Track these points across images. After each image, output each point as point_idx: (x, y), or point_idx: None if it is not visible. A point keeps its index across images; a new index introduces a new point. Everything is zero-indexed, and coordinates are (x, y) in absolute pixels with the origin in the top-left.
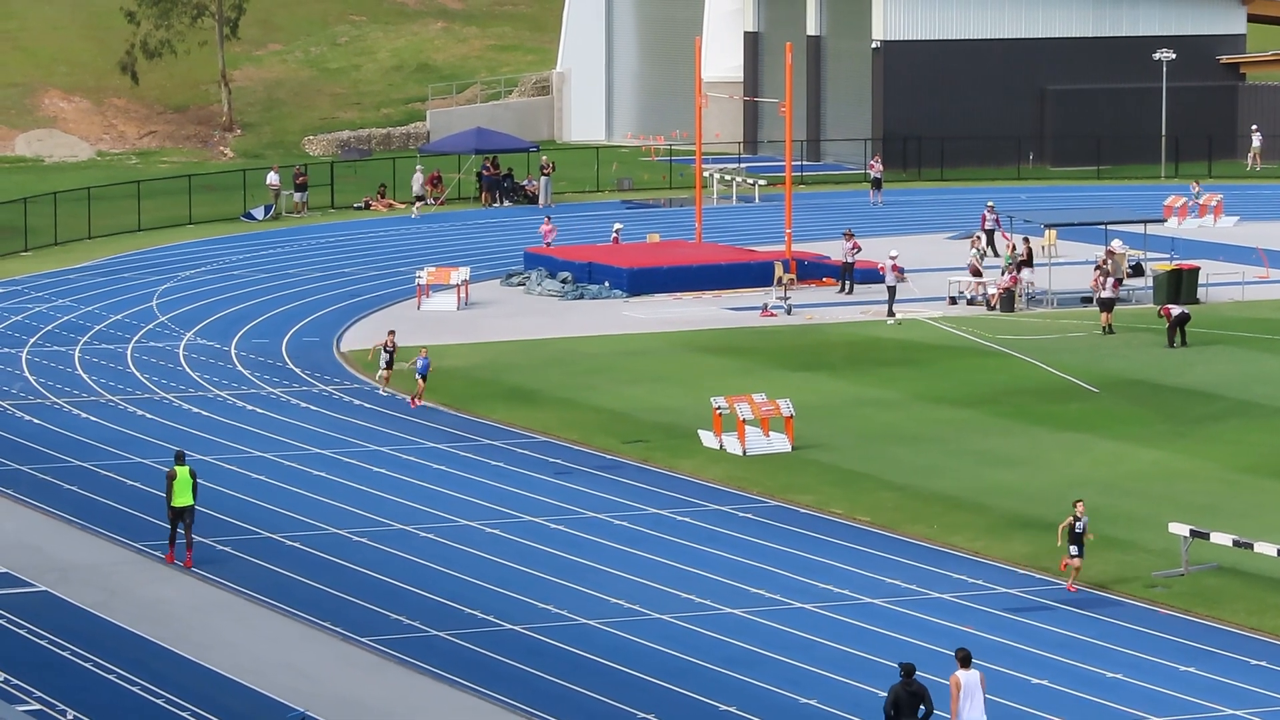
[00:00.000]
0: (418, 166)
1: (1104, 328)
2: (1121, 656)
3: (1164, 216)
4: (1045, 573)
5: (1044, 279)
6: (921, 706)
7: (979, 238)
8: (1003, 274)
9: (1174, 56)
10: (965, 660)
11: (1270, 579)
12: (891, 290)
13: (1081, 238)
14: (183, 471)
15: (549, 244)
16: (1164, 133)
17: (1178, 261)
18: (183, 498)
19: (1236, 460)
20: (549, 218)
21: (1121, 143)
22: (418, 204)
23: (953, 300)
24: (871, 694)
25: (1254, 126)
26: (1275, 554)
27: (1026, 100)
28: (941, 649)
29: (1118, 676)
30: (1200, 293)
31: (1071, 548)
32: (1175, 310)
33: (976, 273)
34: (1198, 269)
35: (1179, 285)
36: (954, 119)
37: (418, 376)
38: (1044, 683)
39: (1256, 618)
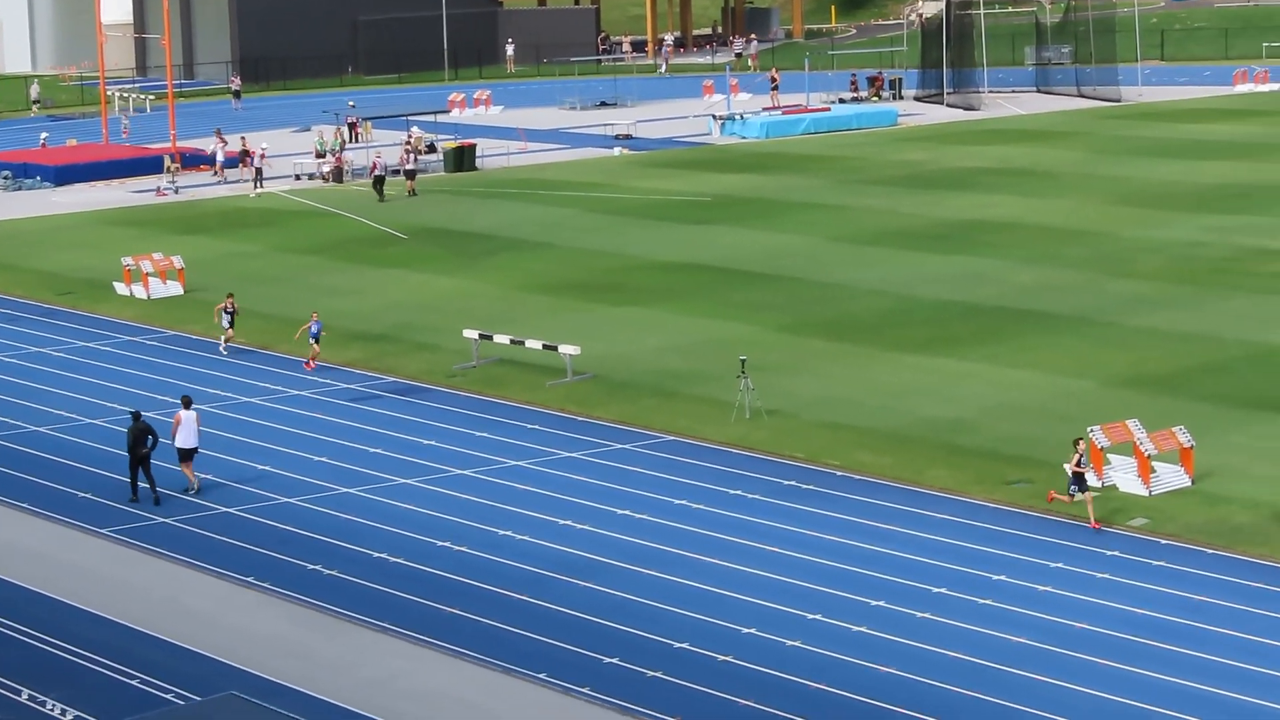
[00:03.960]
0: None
1: (409, 191)
2: (433, 429)
3: (449, 109)
4: (375, 372)
5: (363, 157)
6: (150, 438)
7: (339, 131)
8: (331, 155)
9: None
10: (187, 403)
11: (537, 366)
12: (258, 171)
13: (391, 126)
14: None
15: None
16: (445, 48)
17: (461, 140)
18: None
19: (511, 282)
20: None
21: (415, 56)
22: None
23: (298, 177)
24: (304, 459)
25: (510, 40)
26: (540, 348)
27: (345, 28)
28: (325, 437)
29: (431, 443)
30: (478, 162)
31: (1073, 487)
32: (377, 170)
33: (320, 155)
34: (475, 145)
35: (462, 158)
36: (293, 43)
37: (311, 340)
38: (380, 451)
39: (529, 394)
